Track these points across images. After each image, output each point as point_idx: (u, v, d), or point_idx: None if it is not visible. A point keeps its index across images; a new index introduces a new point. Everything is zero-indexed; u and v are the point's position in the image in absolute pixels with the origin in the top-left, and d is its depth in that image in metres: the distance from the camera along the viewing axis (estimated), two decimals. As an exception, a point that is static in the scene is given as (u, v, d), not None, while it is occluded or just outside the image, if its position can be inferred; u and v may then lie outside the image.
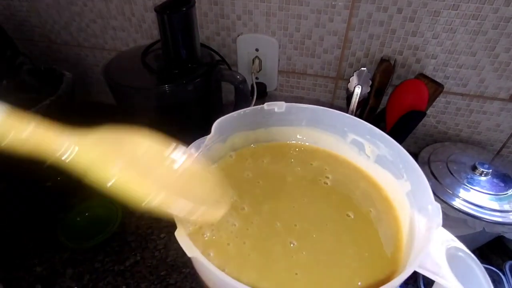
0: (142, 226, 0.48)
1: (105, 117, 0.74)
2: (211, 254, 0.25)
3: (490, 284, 0.21)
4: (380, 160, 0.32)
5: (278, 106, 0.32)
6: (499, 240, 0.46)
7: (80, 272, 0.43)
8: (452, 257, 0.22)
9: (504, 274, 0.41)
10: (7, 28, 0.55)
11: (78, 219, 0.48)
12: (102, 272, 0.43)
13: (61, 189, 0.53)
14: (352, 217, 0.29)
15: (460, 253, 0.22)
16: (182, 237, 0.21)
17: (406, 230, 0.27)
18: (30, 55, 0.58)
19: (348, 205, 0.30)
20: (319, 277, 0.25)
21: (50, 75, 0.53)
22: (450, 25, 0.45)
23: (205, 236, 0.27)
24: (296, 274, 0.25)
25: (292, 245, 0.27)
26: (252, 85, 0.55)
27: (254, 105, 0.52)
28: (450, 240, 0.22)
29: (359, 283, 0.24)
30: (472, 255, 0.22)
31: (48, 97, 0.46)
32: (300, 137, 0.37)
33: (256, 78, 0.58)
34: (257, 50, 0.56)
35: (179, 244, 0.24)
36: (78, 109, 0.56)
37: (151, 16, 0.57)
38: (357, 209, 0.30)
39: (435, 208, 0.23)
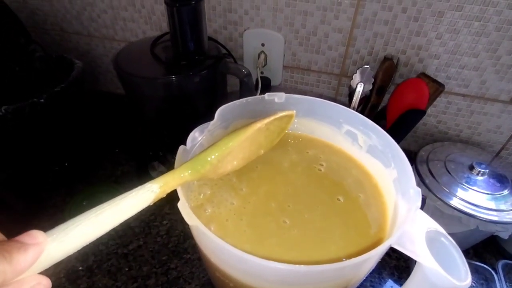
0: (145, 212, 0.50)
1: (112, 106, 0.75)
2: (212, 228, 0.27)
3: (466, 264, 0.22)
4: (371, 150, 0.34)
5: (278, 97, 0.33)
6: (493, 240, 0.47)
7: (85, 253, 0.44)
8: (432, 240, 0.23)
9: (496, 273, 0.42)
10: (20, 16, 0.57)
11: (84, 203, 0.50)
12: (106, 254, 0.44)
13: (68, 174, 0.55)
14: (342, 200, 0.31)
15: (439, 237, 0.23)
16: (184, 207, 0.22)
17: (391, 214, 0.29)
18: (41, 43, 0.60)
19: (339, 190, 0.32)
20: (308, 252, 0.27)
21: (61, 63, 0.54)
22: (453, 26, 0.46)
23: (206, 211, 0.29)
24: (287, 248, 0.26)
25: (284, 223, 0.28)
26: (257, 79, 0.56)
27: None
28: (430, 224, 0.24)
29: (344, 259, 0.25)
30: (450, 238, 0.23)
31: (59, 84, 0.47)
32: (298, 126, 0.38)
33: (261, 72, 0.59)
34: (263, 45, 0.57)
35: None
36: (87, 98, 0.57)
37: (160, 8, 0.59)
38: (347, 194, 0.32)
39: (416, 192, 0.25)
